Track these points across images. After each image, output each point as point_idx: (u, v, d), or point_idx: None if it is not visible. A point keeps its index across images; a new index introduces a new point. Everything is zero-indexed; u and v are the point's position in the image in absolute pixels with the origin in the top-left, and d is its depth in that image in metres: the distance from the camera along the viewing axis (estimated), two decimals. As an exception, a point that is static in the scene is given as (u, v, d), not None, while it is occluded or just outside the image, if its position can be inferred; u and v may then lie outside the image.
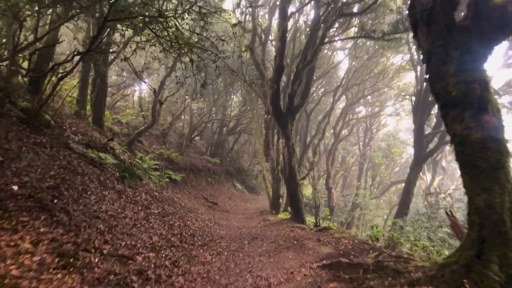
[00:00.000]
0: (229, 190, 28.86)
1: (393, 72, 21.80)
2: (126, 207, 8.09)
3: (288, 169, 14.24)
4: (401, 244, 9.16)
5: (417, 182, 16.04)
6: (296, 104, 14.07)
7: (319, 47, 13.15)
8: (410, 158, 37.35)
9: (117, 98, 27.29)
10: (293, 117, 14.13)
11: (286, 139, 14.11)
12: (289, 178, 14.36)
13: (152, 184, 15.21)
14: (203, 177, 26.25)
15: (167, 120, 29.45)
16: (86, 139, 12.07)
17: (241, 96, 31.08)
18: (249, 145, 38.89)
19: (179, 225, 9.10)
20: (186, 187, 22.78)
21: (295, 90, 13.35)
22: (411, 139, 30.89)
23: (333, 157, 22.08)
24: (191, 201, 19.82)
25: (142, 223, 7.68)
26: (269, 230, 12.31)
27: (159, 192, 14.36)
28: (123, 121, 24.20)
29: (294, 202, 14.46)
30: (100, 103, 16.95)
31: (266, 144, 18.91)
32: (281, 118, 13.94)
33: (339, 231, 9.66)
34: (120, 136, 21.46)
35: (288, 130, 14.03)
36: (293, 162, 14.24)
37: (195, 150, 30.03)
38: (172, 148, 24.71)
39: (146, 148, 22.43)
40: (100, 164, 10.03)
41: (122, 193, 8.99)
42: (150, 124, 20.89)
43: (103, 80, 16.85)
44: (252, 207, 26.07)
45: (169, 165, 22.86)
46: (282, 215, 16.61)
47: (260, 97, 20.64)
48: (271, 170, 19.06)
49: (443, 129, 15.81)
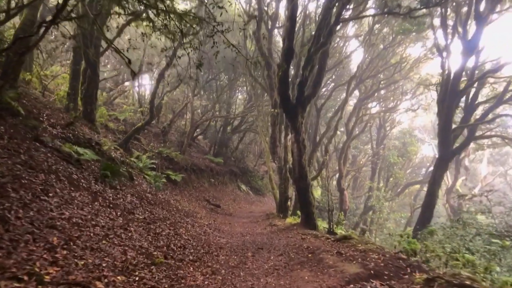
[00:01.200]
0: (233, 191, 27.25)
1: (412, 62, 20.00)
2: (100, 213, 6.50)
3: (298, 168, 12.58)
4: (439, 258, 7.46)
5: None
6: (307, 94, 12.42)
7: (334, 27, 11.50)
8: (425, 158, 35.51)
9: (115, 94, 25.83)
10: (304, 108, 12.48)
11: (296, 133, 12.46)
12: (299, 178, 12.70)
13: (145, 185, 13.66)
14: (205, 178, 24.68)
15: (168, 117, 27.95)
16: (67, 133, 10.55)
17: (246, 92, 29.46)
18: (255, 144, 37.26)
19: (167, 234, 7.48)
20: (187, 188, 21.22)
21: (306, 77, 11.70)
22: (427, 138, 29.04)
23: (345, 155, 20.34)
24: (191, 203, 18.23)
25: (117, 232, 6.09)
26: (277, 238, 10.67)
27: (153, 194, 12.79)
28: (121, 117, 22.72)
29: (304, 205, 12.80)
30: (90, 96, 15.44)
31: (273, 141, 17.26)
32: (290, 110, 12.30)
33: (362, 241, 7.98)
34: (116, 134, 20.00)
35: (298, 124, 12.38)
36: (303, 160, 12.59)
37: (197, 150, 28.48)
38: (172, 147, 23.17)
39: (144, 146, 20.92)
40: (77, 160, 8.47)
41: (99, 195, 7.41)
42: (147, 121, 19.36)
43: (94, 71, 15.35)
44: (257, 209, 24.42)
45: (169, 165, 21.35)
46: (291, 220, 14.95)
47: (266, 90, 19.02)
48: (278, 169, 17.40)
49: (473, 123, 14.05)
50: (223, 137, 28.66)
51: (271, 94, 16.94)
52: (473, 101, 14.01)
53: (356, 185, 33.60)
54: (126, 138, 18.81)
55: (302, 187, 12.71)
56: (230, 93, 28.21)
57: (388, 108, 24.81)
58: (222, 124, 30.29)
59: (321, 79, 12.63)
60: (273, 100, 16.81)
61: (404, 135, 26.09)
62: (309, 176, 13.00)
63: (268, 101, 26.24)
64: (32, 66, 17.34)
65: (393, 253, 6.79)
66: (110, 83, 24.80)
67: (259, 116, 22.65)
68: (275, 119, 16.99)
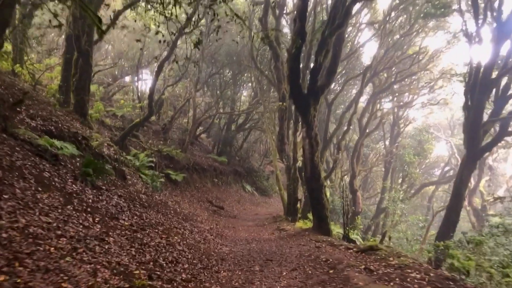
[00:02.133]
0: (238, 192, 25.93)
1: (432, 52, 18.48)
2: (71, 219, 5.21)
3: (310, 167, 11.22)
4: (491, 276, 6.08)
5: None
6: (321, 84, 11.07)
7: (351, 6, 10.14)
8: (440, 158, 33.90)
9: (114, 90, 24.63)
10: (317, 100, 11.13)
11: (308, 128, 11.11)
12: (310, 178, 11.35)
13: (141, 185, 12.38)
14: (208, 178, 23.38)
15: (169, 114, 26.68)
16: (49, 125, 9.29)
17: (251, 88, 28.11)
18: (260, 143, 35.89)
19: (157, 245, 6.14)
20: (189, 188, 19.95)
21: (319, 64, 10.34)
22: (443, 135, 27.48)
23: (358, 154, 18.92)
24: (193, 205, 16.94)
25: (90, 245, 4.78)
26: (287, 246, 9.32)
27: (148, 195, 11.50)
28: (118, 114, 21.51)
29: (317, 208, 11.44)
30: (83, 88, 14.20)
31: (281, 138, 15.91)
32: (301, 102, 10.95)
33: (392, 254, 6.60)
34: (113, 130, 18.77)
35: (310, 117, 11.03)
36: (316, 157, 11.23)
37: (200, 148, 27.19)
38: (173, 145, 21.90)
39: (143, 144, 19.65)
40: (54, 156, 7.19)
41: (75, 196, 6.11)
42: (146, 116, 18.09)
43: (86, 61, 14.13)
44: (263, 211, 23.08)
45: (169, 164, 20.08)
46: (301, 224, 13.59)
47: (273, 84, 17.68)
48: (286, 169, 16.06)
49: (508, 115, 12.58)
50: (227, 135, 27.34)
51: (279, 87, 15.60)
52: (505, 92, 12.58)
53: (366, 186, 32.12)
54: (123, 135, 17.57)
55: (315, 188, 11.36)
56: (234, 89, 26.88)
57: (405, 103, 23.23)
58: (226, 122, 28.99)
59: (336, 67, 11.27)
60: (281, 93, 15.47)
61: (420, 132, 24.55)
62: (322, 176, 11.64)
63: (274, 97, 24.97)
64: (23, 58, 16.18)
65: (437, 272, 5.42)
66: (108, 77, 23.59)
67: (265, 112, 21.33)
68: (283, 114, 15.65)
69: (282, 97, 15.24)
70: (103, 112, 19.54)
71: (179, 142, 23.02)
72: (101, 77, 23.59)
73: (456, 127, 28.42)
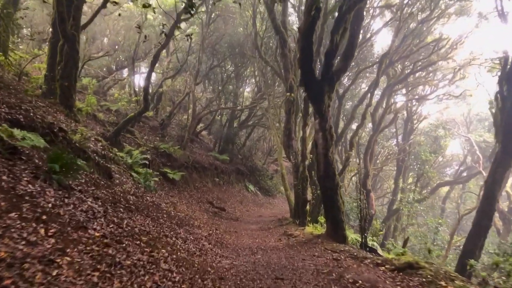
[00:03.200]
0: (240, 192, 24.46)
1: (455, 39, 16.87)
2: (9, 232, 3.75)
3: (324, 164, 9.74)
4: None
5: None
6: (337, 68, 9.60)
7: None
8: (454, 156, 32.26)
9: (110, 84, 23.22)
10: (332, 86, 9.64)
11: (321, 119, 9.63)
12: (324, 177, 9.87)
13: (130, 185, 10.94)
14: (209, 177, 21.94)
15: (168, 110, 25.24)
16: (17, 113, 7.85)
17: (255, 84, 26.63)
18: (264, 141, 34.41)
19: (134, 264, 4.66)
20: (187, 188, 18.53)
21: (336, 44, 8.85)
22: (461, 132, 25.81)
23: (372, 151, 17.39)
24: (191, 206, 15.49)
25: (30, 270, 3.32)
26: (299, 257, 7.85)
27: (138, 196, 10.06)
28: (113, 108, 20.11)
29: (331, 212, 9.97)
30: (68, 76, 12.78)
31: (288, 133, 14.43)
32: (314, 89, 9.47)
33: (439, 274, 5.10)
34: (106, 125, 17.39)
35: (324, 107, 9.56)
36: (330, 153, 9.76)
37: (201, 146, 25.76)
38: (172, 142, 20.47)
39: (138, 140, 18.23)
40: (12, 148, 5.75)
41: (27, 200, 4.66)
42: (141, 110, 16.69)
43: (72, 46, 12.72)
44: (267, 213, 21.62)
45: (166, 162, 18.68)
46: (311, 229, 12.10)
47: (279, 74, 16.20)
48: (294, 167, 14.58)
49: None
50: (229, 133, 25.87)
51: (286, 77, 14.11)
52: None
53: (375, 186, 30.54)
54: (116, 130, 16.19)
55: (329, 188, 9.88)
56: (237, 83, 25.41)
57: (422, 96, 21.57)
58: (228, 118, 27.54)
59: (354, 49, 9.78)
60: (288, 84, 13.99)
61: (436, 128, 22.92)
62: (338, 174, 10.15)
63: (279, 92, 23.50)
64: (7, 47, 14.83)
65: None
66: (103, 71, 22.17)
67: (270, 107, 19.84)
68: (290, 107, 14.16)
69: (289, 87, 13.75)
70: (95, 106, 18.14)
71: (178, 139, 21.60)
72: (95, 69, 22.20)
73: (472, 123, 26.83)
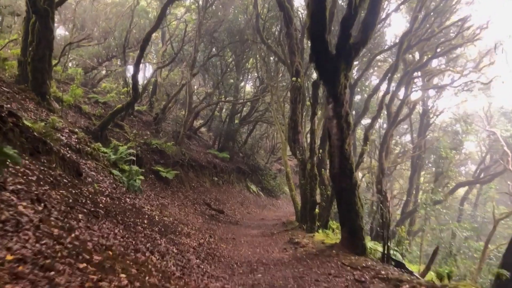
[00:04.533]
0: (241, 192, 22.67)
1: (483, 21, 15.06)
2: None
3: (339, 159, 7.96)
4: None
5: None
6: (355, 41, 7.80)
7: None
8: (470, 154, 30.29)
9: (101, 75, 21.51)
10: (349, 63, 7.87)
11: (336, 103, 7.85)
12: (339, 175, 8.08)
13: (108, 184, 9.20)
14: (207, 176, 20.16)
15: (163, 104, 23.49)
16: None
17: (257, 76, 24.84)
18: (266, 138, 32.61)
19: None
20: (182, 188, 16.78)
21: (354, 7, 7.07)
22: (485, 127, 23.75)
23: (387, 147, 15.58)
24: (184, 209, 13.75)
25: None
26: (311, 278, 6.09)
27: (114, 198, 8.33)
28: (102, 100, 18.40)
29: (348, 217, 8.18)
30: (41, 59, 11.11)
31: (293, 125, 12.65)
32: (327, 66, 7.70)
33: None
34: (92, 119, 15.66)
35: (340, 88, 7.78)
36: (347, 145, 7.98)
37: (199, 143, 24.01)
38: (165, 138, 18.74)
39: (128, 135, 16.49)
40: None
41: None
42: (130, 101, 14.96)
43: (44, 24, 11.05)
44: (270, 215, 19.82)
45: (159, 159, 16.95)
46: (321, 236, 10.32)
47: (283, 61, 14.44)
48: (300, 164, 12.78)
49: None
50: (230, 129, 24.06)
51: (292, 60, 12.33)
52: None
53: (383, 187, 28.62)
54: (102, 123, 14.50)
55: (345, 189, 8.09)
56: (237, 76, 23.62)
57: (443, 85, 19.48)
58: (228, 114, 25.75)
59: (376, 17, 7.98)
60: (294, 68, 12.21)
61: (457, 122, 20.95)
62: (356, 172, 8.38)
63: (283, 86, 21.75)
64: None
65: None
66: (93, 61, 20.47)
67: (273, 99, 18.06)
68: (296, 95, 12.37)
69: (295, 71, 11.97)
70: (80, 97, 16.45)
71: (173, 134, 19.83)
72: (84, 59, 20.52)
73: (493, 118, 24.86)
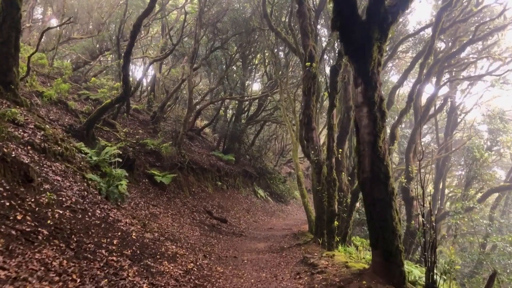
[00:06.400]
0: (248, 198, 20.72)
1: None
2: None
3: (371, 159, 6.01)
4: None
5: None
6: (392, 3, 5.87)
7: None
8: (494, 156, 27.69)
9: (95, 70, 19.81)
10: (384, 33, 5.91)
11: (367, 85, 5.93)
12: (371, 180, 6.11)
13: (75, 192, 7.32)
14: (209, 180, 18.28)
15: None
16: None
17: (264, 70, 22.93)
18: (275, 140, 30.62)
19: None
20: (180, 194, 14.95)
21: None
22: None
23: (415, 146, 13.38)
24: (179, 219, 11.86)
25: None
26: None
27: (77, 210, 6.46)
28: (93, 97, 16.66)
29: (383, 236, 6.16)
30: (5, 42, 9.39)
31: (306, 120, 10.66)
32: (355, 34, 5.80)
33: None
34: (79, 117, 13.90)
35: (373, 65, 5.87)
36: (382, 141, 6.02)
37: (203, 144, 22.14)
38: (163, 138, 16.92)
39: (119, 135, 14.70)
40: None
41: None
42: (120, 96, 13.16)
43: (9, 2, 9.25)
44: (279, 224, 17.83)
45: (155, 162, 15.21)
46: (343, 256, 8.29)
47: (294, 49, 12.51)
48: (315, 167, 10.76)
49: None
50: (235, 129, 22.14)
51: (305, 43, 10.36)
52: None
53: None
54: (89, 121, 12.82)
55: (379, 199, 6.11)
56: (243, 72, 21.73)
57: (479, 75, 17.07)
58: (234, 113, 23.86)
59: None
60: (307, 53, 10.24)
61: (493, 119, 18.60)
62: (393, 177, 6.37)
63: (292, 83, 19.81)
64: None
65: None
66: (85, 55, 18.79)
67: (282, 95, 16.13)
68: (310, 85, 10.39)
69: (309, 57, 10.00)
70: (67, 92, 14.73)
71: (172, 135, 18.00)
72: (76, 53, 18.88)
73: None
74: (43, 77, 15.68)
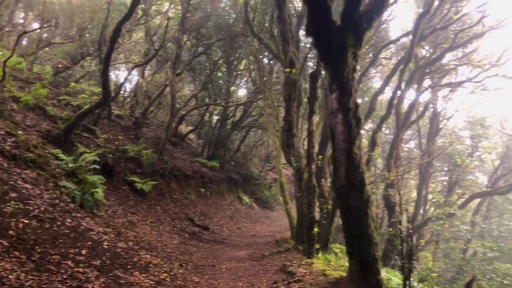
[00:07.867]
0: (232, 205, 20.51)
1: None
2: None
3: (346, 166, 5.96)
4: None
5: None
6: (367, 8, 5.86)
7: None
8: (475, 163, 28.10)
9: (76, 76, 19.46)
10: (359, 38, 5.89)
11: (342, 92, 5.89)
12: (346, 188, 6.06)
13: (44, 200, 7.07)
14: (192, 187, 18.02)
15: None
16: None
17: (249, 76, 22.92)
18: (261, 145, 30.52)
19: None
20: (162, 201, 14.67)
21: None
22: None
23: (397, 152, 13.50)
24: (158, 227, 11.62)
25: None
26: None
27: (45, 219, 6.23)
28: (74, 103, 16.29)
29: (359, 244, 6.10)
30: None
31: (287, 127, 10.62)
32: (330, 41, 5.76)
33: None
34: (58, 123, 13.51)
35: (347, 71, 5.82)
36: (356, 148, 5.98)
37: (186, 151, 21.87)
38: (144, 144, 16.62)
39: (99, 141, 14.37)
40: None
41: None
42: (100, 101, 12.83)
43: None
44: (263, 231, 17.68)
45: (135, 168, 14.89)
46: (322, 264, 8.17)
47: (276, 55, 12.50)
48: (296, 172, 10.72)
49: None
50: (220, 135, 21.99)
51: (285, 50, 10.36)
52: None
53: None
54: (67, 127, 12.49)
55: (354, 207, 6.05)
56: (228, 78, 21.66)
57: (459, 82, 17.28)
58: (219, 119, 23.70)
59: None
60: (287, 59, 10.22)
61: (474, 125, 18.90)
62: (368, 184, 6.32)
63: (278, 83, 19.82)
64: None
65: None
66: (66, 60, 18.44)
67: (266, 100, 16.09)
68: (290, 91, 10.37)
69: (289, 63, 9.99)
70: (46, 98, 14.38)
71: (154, 141, 17.75)
72: (57, 58, 18.50)
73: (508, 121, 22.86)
74: (21, 82, 15.31)
